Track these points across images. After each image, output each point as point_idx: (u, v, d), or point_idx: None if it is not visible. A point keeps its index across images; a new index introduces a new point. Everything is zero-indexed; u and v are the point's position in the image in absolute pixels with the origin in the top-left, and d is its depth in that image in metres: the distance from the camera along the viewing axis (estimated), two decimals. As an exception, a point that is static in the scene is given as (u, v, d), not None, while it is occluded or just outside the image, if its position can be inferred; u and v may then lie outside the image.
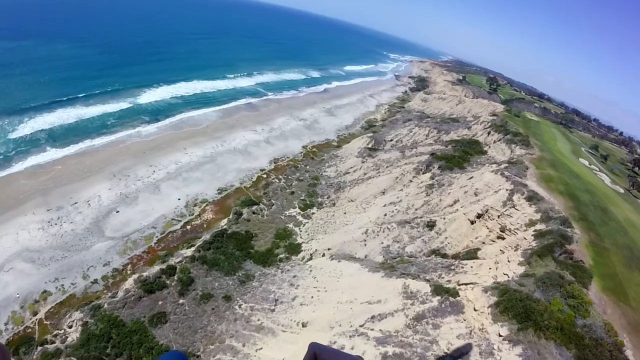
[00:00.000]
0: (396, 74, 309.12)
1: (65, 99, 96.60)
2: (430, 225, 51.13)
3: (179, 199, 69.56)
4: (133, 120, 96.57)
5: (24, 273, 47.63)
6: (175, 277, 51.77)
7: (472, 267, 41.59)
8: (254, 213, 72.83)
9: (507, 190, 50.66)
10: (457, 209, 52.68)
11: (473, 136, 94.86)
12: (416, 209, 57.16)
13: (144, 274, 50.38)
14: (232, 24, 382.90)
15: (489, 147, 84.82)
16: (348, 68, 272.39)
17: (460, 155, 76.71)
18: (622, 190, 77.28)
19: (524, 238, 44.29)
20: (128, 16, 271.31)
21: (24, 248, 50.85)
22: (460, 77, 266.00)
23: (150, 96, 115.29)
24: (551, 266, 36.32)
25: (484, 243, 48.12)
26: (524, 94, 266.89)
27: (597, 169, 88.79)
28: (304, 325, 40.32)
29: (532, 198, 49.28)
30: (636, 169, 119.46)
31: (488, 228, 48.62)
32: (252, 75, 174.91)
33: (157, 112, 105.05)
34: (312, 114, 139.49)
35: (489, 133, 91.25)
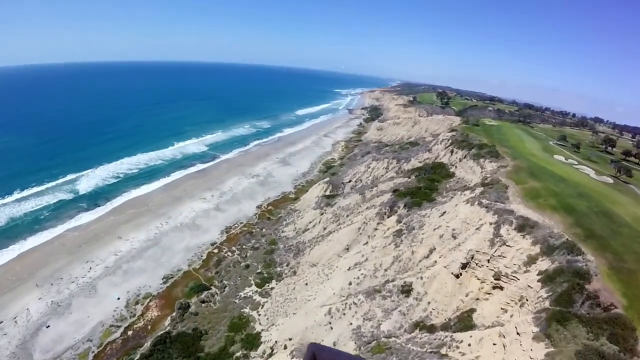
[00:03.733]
0: (349, 108, 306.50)
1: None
2: (406, 289, 39.18)
3: (118, 299, 60.56)
4: (70, 210, 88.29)
5: None
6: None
7: (469, 345, 29.72)
8: (203, 302, 61.64)
9: (490, 224, 39.67)
10: (436, 261, 41.11)
11: (436, 158, 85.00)
12: (385, 270, 45.21)
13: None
14: (182, 88, 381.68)
15: (456, 167, 74.69)
16: (300, 112, 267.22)
17: (427, 185, 66.17)
18: (611, 180, 68.30)
19: (528, 286, 32.89)
20: (72, 97, 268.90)
21: None
22: (411, 99, 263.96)
23: (90, 180, 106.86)
24: (580, 335, 24.91)
25: (477, 299, 36.51)
26: (475, 100, 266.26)
27: (576, 162, 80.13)
28: None
29: (524, 226, 38.34)
30: (609, 148, 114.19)
31: (479, 279, 37.21)
32: (201, 137, 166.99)
33: (96, 197, 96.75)
34: (265, 168, 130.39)
35: (452, 152, 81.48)
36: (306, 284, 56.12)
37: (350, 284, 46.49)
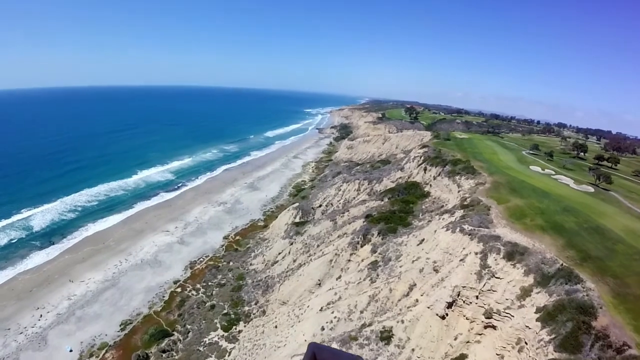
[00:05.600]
0: (319, 127, 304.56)
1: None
2: (386, 336, 33.43)
3: (70, 351, 53.99)
4: (21, 249, 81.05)
5: None
6: None
7: (467, 405, 24.63)
8: (163, 352, 54.73)
9: (476, 253, 34.83)
10: (417, 300, 35.72)
11: (409, 177, 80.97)
12: (361, 311, 39.51)
13: None
14: (148, 113, 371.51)
15: (430, 185, 70.53)
16: (270, 134, 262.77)
17: (401, 208, 61.49)
18: (591, 189, 65.79)
19: (526, 326, 28.16)
20: (31, 126, 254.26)
21: None
22: (380, 115, 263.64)
23: (46, 215, 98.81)
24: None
25: (468, 342, 31.45)
26: (443, 114, 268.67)
27: (554, 172, 77.79)
28: None
29: (513, 254, 33.76)
30: (581, 154, 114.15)
31: (468, 318, 32.23)
32: (166, 164, 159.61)
33: (51, 234, 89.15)
34: (232, 194, 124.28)
35: (425, 169, 77.59)
36: (276, 327, 50.06)
37: (322, 329, 40.67)
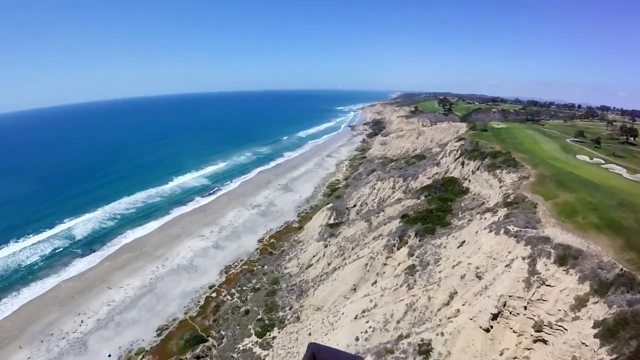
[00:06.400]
0: (351, 125, 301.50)
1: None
2: (424, 350, 30.54)
3: (109, 356, 55.67)
4: (64, 257, 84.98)
5: None
6: None
7: None
8: (198, 358, 55.30)
9: (523, 258, 31.44)
10: (459, 310, 32.67)
11: (445, 173, 77.22)
12: (398, 321, 36.97)
13: None
14: (180, 121, 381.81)
15: (469, 181, 66.67)
16: (301, 134, 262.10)
17: (439, 207, 58.19)
18: (646, 178, 60.04)
19: (583, 343, 24.98)
20: (70, 140, 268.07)
21: None
22: (413, 109, 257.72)
23: (87, 224, 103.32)
24: None
25: (515, 359, 28.49)
26: (478, 103, 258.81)
27: (603, 161, 71.69)
28: None
29: (566, 258, 30.29)
30: (631, 139, 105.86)
31: (515, 331, 29.14)
32: (200, 169, 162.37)
33: (92, 242, 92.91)
34: (266, 197, 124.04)
35: (462, 163, 73.66)
36: (310, 334, 48.48)
37: (357, 339, 38.53)
